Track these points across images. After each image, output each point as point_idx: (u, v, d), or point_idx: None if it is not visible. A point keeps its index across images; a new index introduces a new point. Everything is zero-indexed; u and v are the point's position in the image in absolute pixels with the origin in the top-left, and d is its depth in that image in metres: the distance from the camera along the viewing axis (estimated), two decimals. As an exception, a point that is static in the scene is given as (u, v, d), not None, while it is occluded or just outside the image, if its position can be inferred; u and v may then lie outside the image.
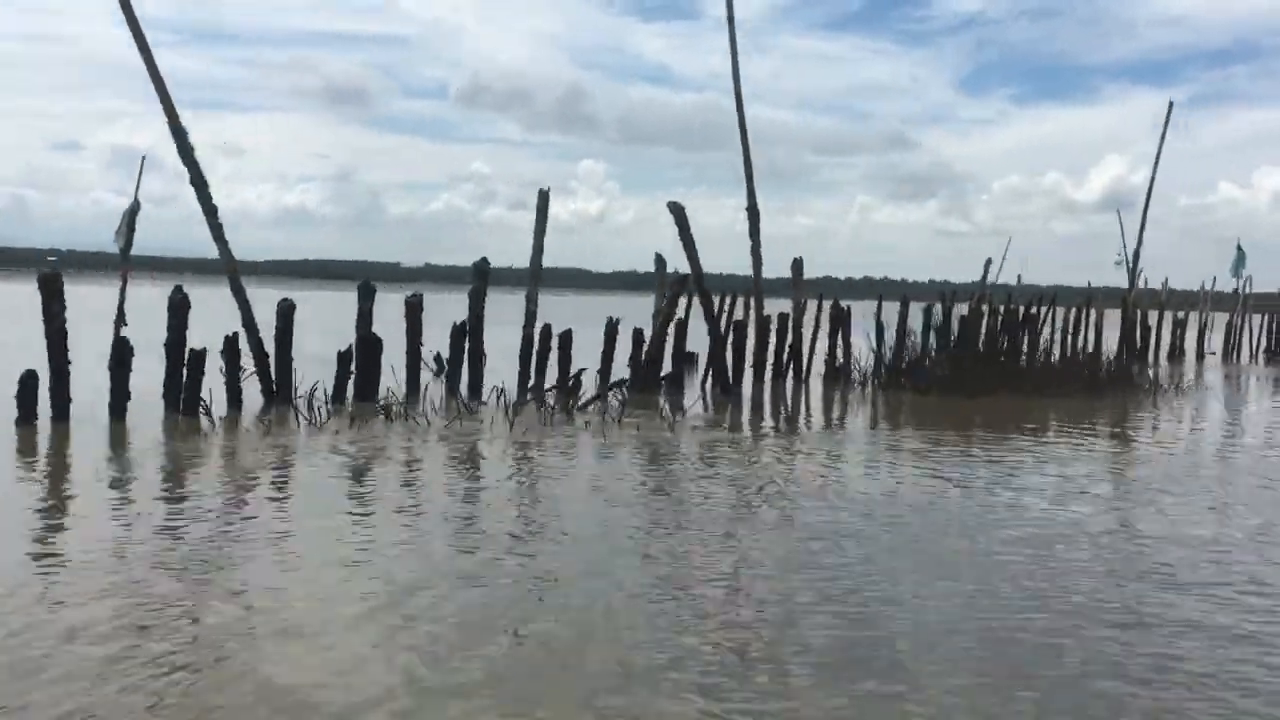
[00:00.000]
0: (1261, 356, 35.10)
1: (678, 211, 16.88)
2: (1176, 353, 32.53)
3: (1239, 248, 40.05)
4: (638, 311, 21.56)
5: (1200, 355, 32.74)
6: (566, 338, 16.35)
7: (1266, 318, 36.49)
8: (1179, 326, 33.10)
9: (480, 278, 15.47)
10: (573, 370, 15.94)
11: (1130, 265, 31.39)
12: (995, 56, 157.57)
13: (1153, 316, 32.04)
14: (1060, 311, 27.04)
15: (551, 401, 14.65)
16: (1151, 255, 40.58)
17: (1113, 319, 29.53)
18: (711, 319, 17.78)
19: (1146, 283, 33.05)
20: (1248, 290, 35.34)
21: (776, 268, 30.49)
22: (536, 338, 16.15)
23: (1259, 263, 50.83)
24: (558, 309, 20.36)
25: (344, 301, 18.14)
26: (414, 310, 15.17)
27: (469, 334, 15.53)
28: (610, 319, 17.49)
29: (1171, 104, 31.91)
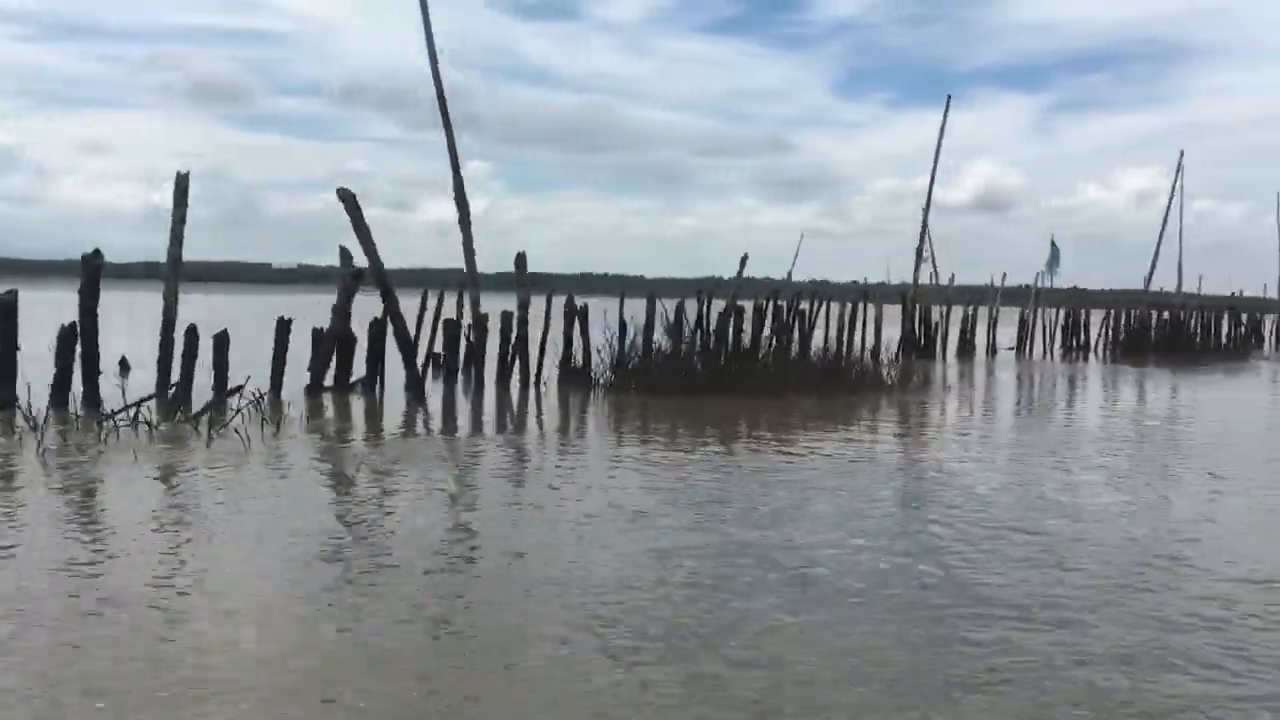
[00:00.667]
0: (1057, 352, 35.53)
1: (348, 199, 15.35)
2: (966, 348, 32.54)
3: (1053, 244, 40.79)
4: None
5: (992, 350, 32.82)
6: (222, 340, 14.59)
7: (1063, 313, 36.96)
8: (969, 322, 33.10)
9: (91, 272, 13.58)
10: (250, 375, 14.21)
11: (917, 260, 31.32)
12: (871, 61, 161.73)
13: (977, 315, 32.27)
14: (839, 308, 26.49)
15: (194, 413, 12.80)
16: (1021, 255, 41.21)
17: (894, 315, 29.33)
18: (396, 317, 16.25)
19: (934, 278, 33.11)
20: (1041, 285, 35.76)
21: (662, 267, 30.07)
22: (181, 340, 14.34)
23: (1116, 260, 52.38)
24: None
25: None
26: (7, 311, 13.21)
27: (80, 337, 13.62)
28: (281, 318, 15.80)
29: (950, 98, 32.08)
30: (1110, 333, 37.09)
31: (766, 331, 20.36)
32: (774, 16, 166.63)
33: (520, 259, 19.11)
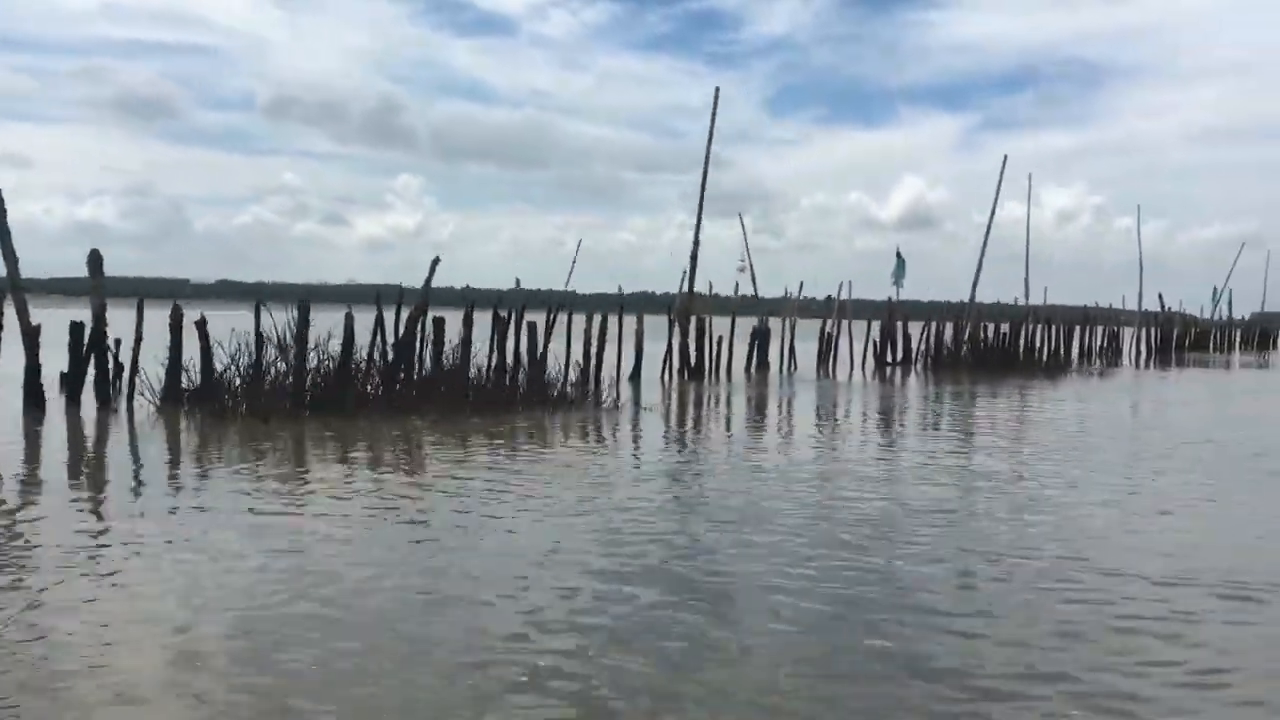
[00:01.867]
0: (863, 369, 33.37)
1: None
2: (761, 366, 30.18)
3: (898, 255, 38.76)
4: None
5: (793, 368, 30.34)
6: None
7: (873, 326, 34.85)
8: (759, 337, 30.73)
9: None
10: None
11: (690, 269, 28.81)
12: (800, 79, 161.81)
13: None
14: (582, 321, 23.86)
15: None
16: (945, 273, 39.72)
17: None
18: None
19: (754, 291, 30.75)
20: (843, 297, 33.56)
21: (598, 283, 27.78)
22: None
23: (1042, 276, 51.40)
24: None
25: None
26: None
27: None
28: None
29: (717, 91, 29.46)
30: (928, 348, 35.07)
31: (449, 346, 18.04)
32: (705, 35, 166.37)
33: (94, 259, 16.26)
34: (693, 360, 27.41)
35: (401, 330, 17.61)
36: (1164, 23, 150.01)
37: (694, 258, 28.46)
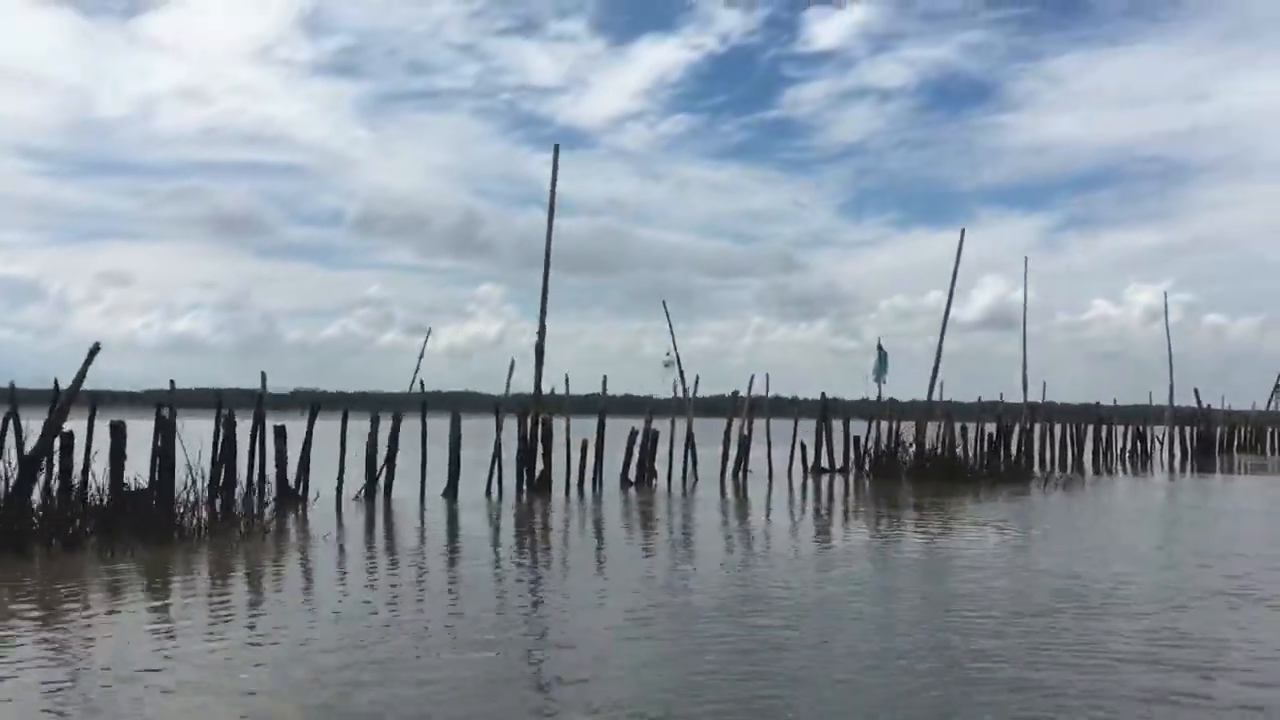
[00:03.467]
0: (789, 475, 28.77)
1: None
2: (638, 475, 25.97)
3: (880, 348, 34.33)
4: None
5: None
6: None
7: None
8: (645, 440, 26.50)
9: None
10: None
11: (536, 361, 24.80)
12: (875, 183, 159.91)
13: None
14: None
15: None
16: (1031, 373, 36.90)
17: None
18: None
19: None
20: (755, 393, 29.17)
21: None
22: None
23: (1132, 375, 47.48)
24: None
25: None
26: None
27: None
28: None
29: (556, 148, 25.91)
30: (860, 452, 30.40)
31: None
32: (779, 143, 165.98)
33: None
34: (538, 470, 23.49)
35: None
36: (1243, 121, 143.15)
37: (540, 350, 24.71)
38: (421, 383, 24.61)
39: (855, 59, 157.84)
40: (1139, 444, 44.52)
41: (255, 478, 18.24)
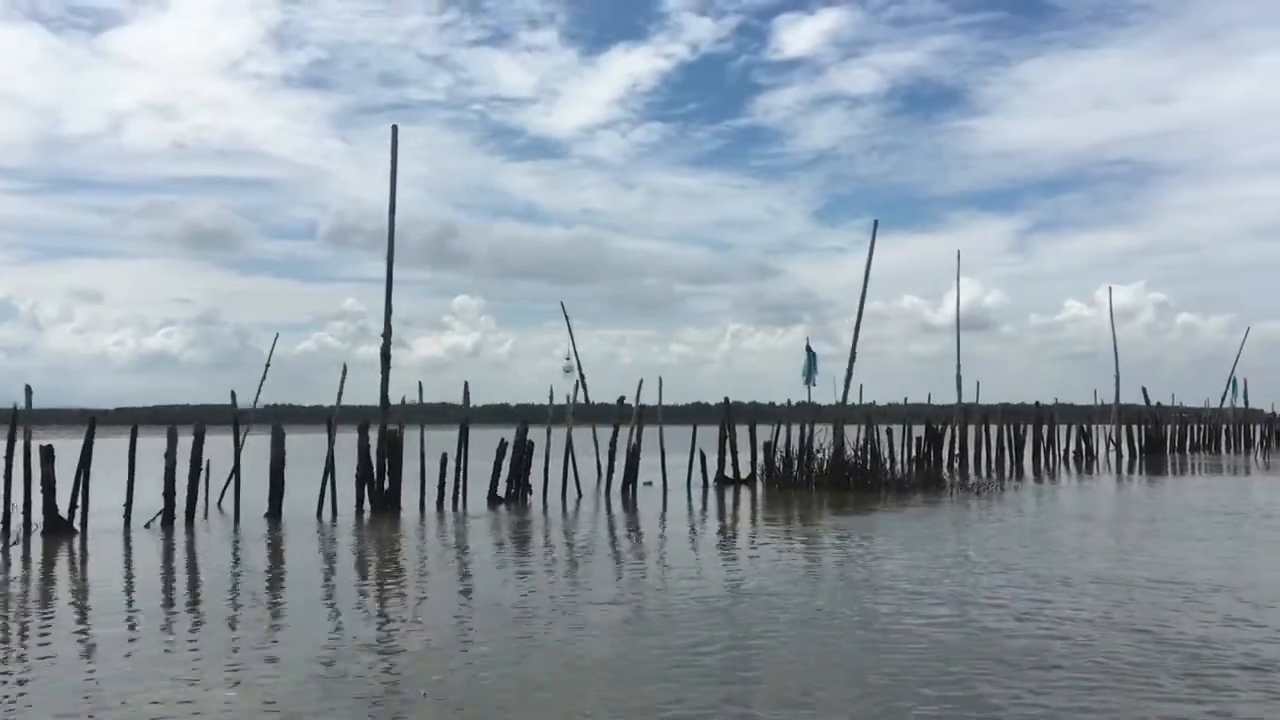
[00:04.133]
0: (688, 486, 26.32)
1: None
2: (508, 489, 23.44)
3: (808, 349, 31.75)
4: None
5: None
6: None
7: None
8: (517, 452, 23.94)
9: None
10: None
11: (383, 367, 22.20)
12: (847, 189, 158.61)
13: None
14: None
15: None
16: (1004, 374, 35.04)
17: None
18: None
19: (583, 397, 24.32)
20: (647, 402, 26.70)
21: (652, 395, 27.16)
22: None
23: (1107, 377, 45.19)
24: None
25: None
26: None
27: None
28: None
29: (395, 129, 23.41)
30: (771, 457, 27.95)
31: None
32: (752, 150, 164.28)
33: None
34: (385, 487, 20.87)
35: None
36: (1209, 122, 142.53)
37: (385, 354, 22.08)
38: (404, 397, 22.95)
39: (825, 65, 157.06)
40: (1083, 444, 42.34)
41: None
